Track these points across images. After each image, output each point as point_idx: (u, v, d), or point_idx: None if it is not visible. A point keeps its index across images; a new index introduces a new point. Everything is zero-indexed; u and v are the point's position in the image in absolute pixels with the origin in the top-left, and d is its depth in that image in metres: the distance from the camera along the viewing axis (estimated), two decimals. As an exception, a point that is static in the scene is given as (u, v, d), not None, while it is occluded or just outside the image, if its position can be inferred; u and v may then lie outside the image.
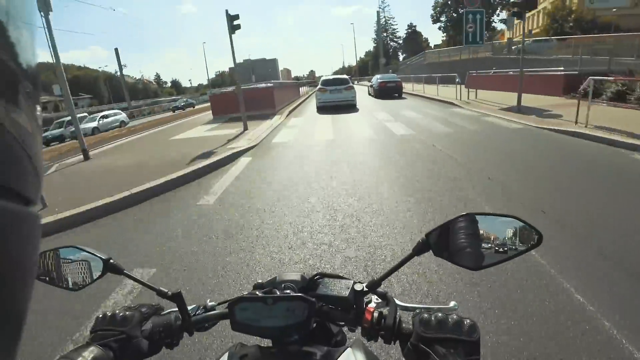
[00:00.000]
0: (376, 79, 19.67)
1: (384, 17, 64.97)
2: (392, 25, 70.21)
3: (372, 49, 71.53)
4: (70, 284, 0.65)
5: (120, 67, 35.13)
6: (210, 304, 0.68)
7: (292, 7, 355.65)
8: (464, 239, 0.57)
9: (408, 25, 67.33)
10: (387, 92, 17.74)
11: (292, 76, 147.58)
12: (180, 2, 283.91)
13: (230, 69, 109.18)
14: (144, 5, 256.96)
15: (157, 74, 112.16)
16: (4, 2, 0.16)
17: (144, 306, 0.64)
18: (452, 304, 0.58)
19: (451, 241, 0.57)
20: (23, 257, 0.17)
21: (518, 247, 0.56)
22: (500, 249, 0.56)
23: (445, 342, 0.50)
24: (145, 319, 0.62)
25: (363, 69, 72.14)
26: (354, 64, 79.76)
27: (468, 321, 0.52)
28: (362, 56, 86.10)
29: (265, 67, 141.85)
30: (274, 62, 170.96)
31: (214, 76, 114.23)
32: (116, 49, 34.27)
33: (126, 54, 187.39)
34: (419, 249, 0.58)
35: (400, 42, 67.02)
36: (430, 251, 0.58)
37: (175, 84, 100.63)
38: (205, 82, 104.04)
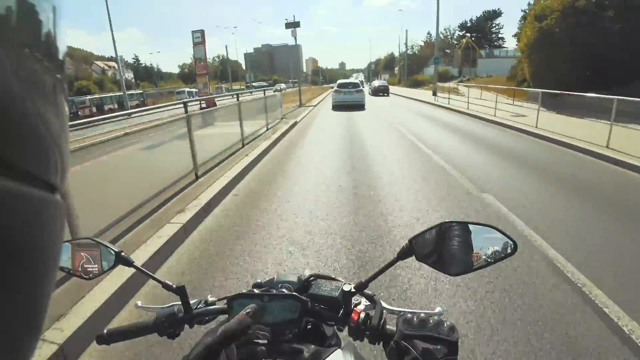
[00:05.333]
0: (373, 83, 31.35)
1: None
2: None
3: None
4: (83, 273, 0.71)
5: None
6: (211, 299, 0.75)
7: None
8: (447, 246, 0.61)
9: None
10: (379, 91, 28.19)
11: (318, 66, 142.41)
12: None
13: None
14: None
15: (135, 56, 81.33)
16: None
17: None
18: (437, 309, 0.61)
19: (434, 248, 0.62)
20: (47, 243, 0.18)
21: (495, 255, 0.61)
22: (479, 257, 0.61)
23: (425, 339, 0.54)
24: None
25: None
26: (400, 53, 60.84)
27: (448, 323, 0.55)
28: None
29: (288, 55, 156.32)
30: (297, 49, 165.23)
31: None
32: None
33: (163, 38, 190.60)
34: (403, 254, 0.63)
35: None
36: (413, 256, 0.63)
37: (148, 70, 76.08)
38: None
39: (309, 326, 0.69)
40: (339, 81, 18.31)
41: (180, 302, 0.70)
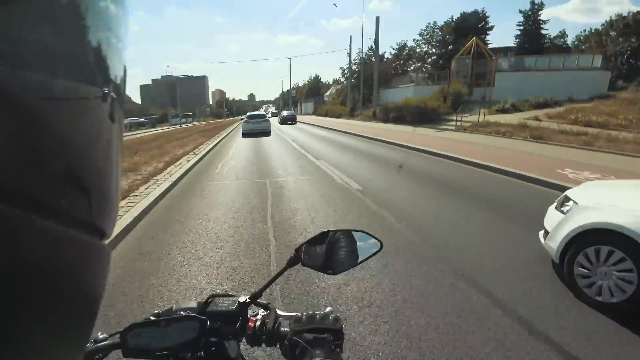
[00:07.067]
0: (282, 113, 34.21)
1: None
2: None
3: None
4: None
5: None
6: (101, 336, 0.67)
7: (237, 35, 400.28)
8: (327, 251, 0.73)
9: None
10: (287, 120, 30.56)
11: (225, 97, 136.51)
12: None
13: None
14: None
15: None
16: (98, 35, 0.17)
17: None
18: (327, 309, 0.66)
19: (317, 253, 0.73)
20: (92, 287, 0.18)
21: (365, 253, 0.74)
22: (354, 256, 0.74)
23: (313, 331, 0.60)
24: None
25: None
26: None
27: (333, 315, 0.63)
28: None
29: (193, 87, 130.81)
30: (202, 80, 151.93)
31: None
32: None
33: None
34: (291, 262, 0.72)
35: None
36: (300, 263, 0.72)
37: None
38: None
39: (213, 349, 0.66)
40: (248, 113, 21.35)
41: None
